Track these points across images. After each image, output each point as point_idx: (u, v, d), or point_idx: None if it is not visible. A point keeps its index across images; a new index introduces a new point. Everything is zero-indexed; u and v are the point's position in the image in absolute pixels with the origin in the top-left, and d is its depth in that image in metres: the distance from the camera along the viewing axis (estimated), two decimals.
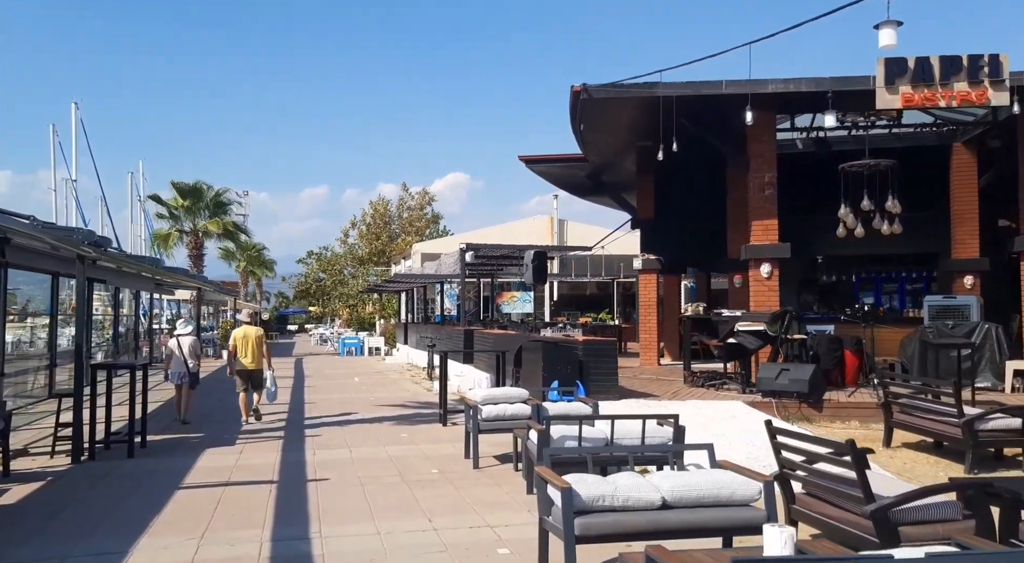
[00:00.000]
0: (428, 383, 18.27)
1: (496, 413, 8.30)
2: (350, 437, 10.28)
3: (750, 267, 12.44)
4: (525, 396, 8.60)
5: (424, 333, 22.91)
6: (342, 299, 40.14)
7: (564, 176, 17.59)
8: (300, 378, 20.38)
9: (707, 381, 11.70)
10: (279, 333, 60.91)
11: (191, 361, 11.78)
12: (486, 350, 14.02)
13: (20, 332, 28.49)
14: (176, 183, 29.33)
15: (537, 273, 14.45)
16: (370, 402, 14.54)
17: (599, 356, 10.08)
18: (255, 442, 9.99)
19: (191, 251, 30.15)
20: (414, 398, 15.18)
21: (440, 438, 10.10)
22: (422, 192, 44.50)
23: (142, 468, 8.34)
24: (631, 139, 14.20)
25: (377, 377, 20.58)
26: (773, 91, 11.10)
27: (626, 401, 10.15)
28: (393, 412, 12.96)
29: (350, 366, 25.36)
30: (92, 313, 18.79)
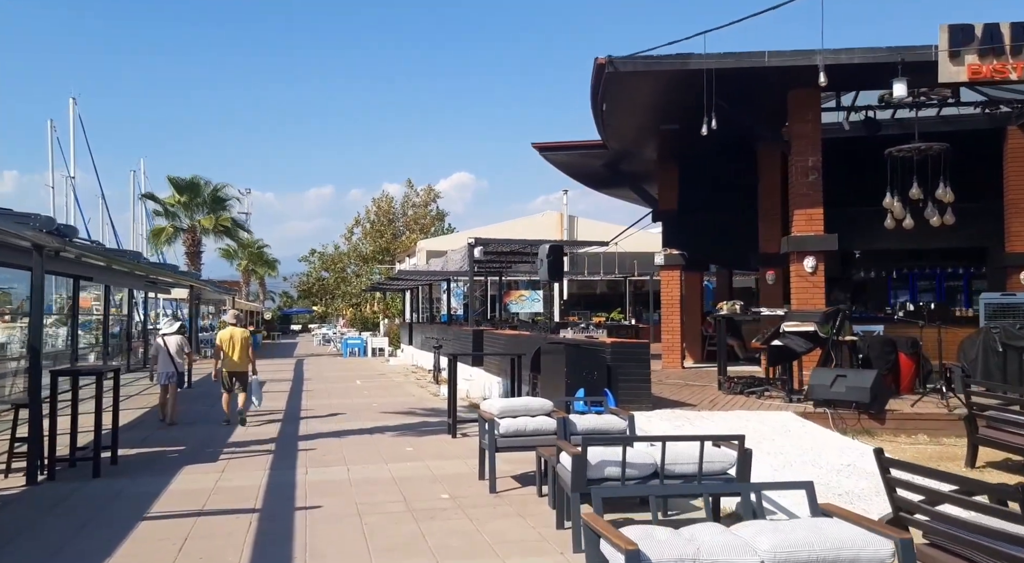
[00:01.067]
0: (434, 387, 17.12)
1: (516, 428, 7.15)
2: (349, 451, 9.13)
3: (791, 261, 11.25)
4: (549, 408, 7.44)
5: (430, 334, 21.77)
6: (345, 298, 38.98)
7: (580, 165, 16.42)
8: (299, 381, 19.26)
9: (746, 388, 10.52)
10: (281, 333, 59.90)
11: (178, 360, 11.66)
12: (499, 353, 12.86)
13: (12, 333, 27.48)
14: (172, 178, 28.24)
15: (553, 269, 13.24)
16: (372, 409, 13.40)
17: (629, 360, 8.91)
18: (240, 457, 8.84)
19: (188, 249, 29.04)
20: (420, 404, 14.03)
21: (449, 453, 8.95)
22: (427, 189, 43.36)
23: (107, 491, 7.20)
24: (655, 121, 13.02)
25: (380, 380, 19.44)
26: (821, 63, 9.89)
27: (660, 411, 8.98)
28: (397, 421, 11.81)
29: (352, 368, 24.23)
30: (78, 312, 17.70)
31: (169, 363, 11.60)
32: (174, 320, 18.55)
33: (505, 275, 27.03)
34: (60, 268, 15.66)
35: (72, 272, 16.74)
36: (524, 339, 12.55)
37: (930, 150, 11.90)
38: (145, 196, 28.25)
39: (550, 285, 33.56)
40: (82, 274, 17.11)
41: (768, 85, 11.00)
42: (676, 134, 13.84)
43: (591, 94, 11.61)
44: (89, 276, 17.25)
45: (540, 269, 13.66)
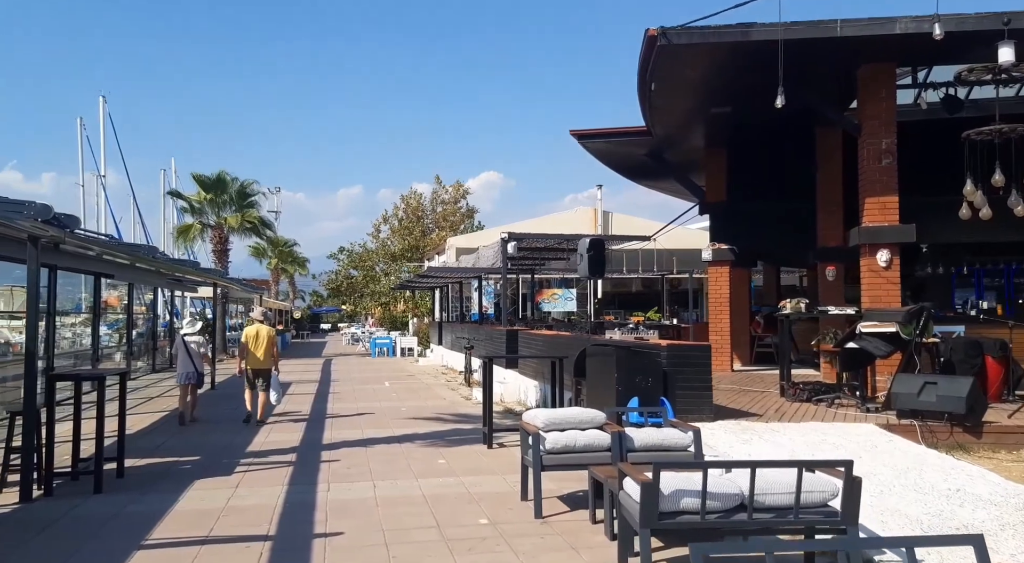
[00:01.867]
0: (466, 390, 16.27)
1: (564, 442, 6.23)
2: (375, 463, 8.29)
3: (862, 255, 10.18)
4: (600, 420, 6.51)
5: (460, 333, 20.93)
6: (374, 297, 38.35)
7: (620, 154, 15.44)
8: (326, 383, 18.54)
9: (813, 395, 9.47)
10: (311, 332, 59.63)
11: (197, 361, 11.58)
12: (537, 356, 11.94)
13: None
14: (197, 175, 27.76)
15: (594, 265, 12.29)
16: (401, 413, 12.57)
17: (688, 365, 7.94)
18: (257, 470, 8.04)
19: (215, 246, 28.55)
20: (451, 409, 13.18)
21: (486, 467, 8.07)
22: (456, 185, 42.52)
23: (105, 510, 6.43)
24: (706, 103, 12.01)
25: (409, 382, 18.65)
26: (902, 32, 8.82)
27: (723, 423, 8.00)
28: (427, 427, 10.97)
29: (381, 368, 23.50)
30: (99, 311, 17.18)
31: (189, 363, 11.49)
32: (196, 320, 18.02)
33: (537, 273, 26.14)
34: (77, 265, 15.10)
35: (92, 269, 16.20)
36: (564, 340, 11.63)
37: (1014, 132, 10.73)
38: (171, 193, 27.78)
39: (589, 283, 32.65)
40: (102, 271, 16.57)
41: (836, 59, 9.95)
42: (727, 118, 12.83)
43: (638, 73, 10.65)
44: (110, 273, 16.67)
45: (579, 265, 12.71)
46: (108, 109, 45.96)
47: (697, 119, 13.04)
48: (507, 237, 15.88)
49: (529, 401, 13.20)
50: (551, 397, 9.72)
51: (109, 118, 46.11)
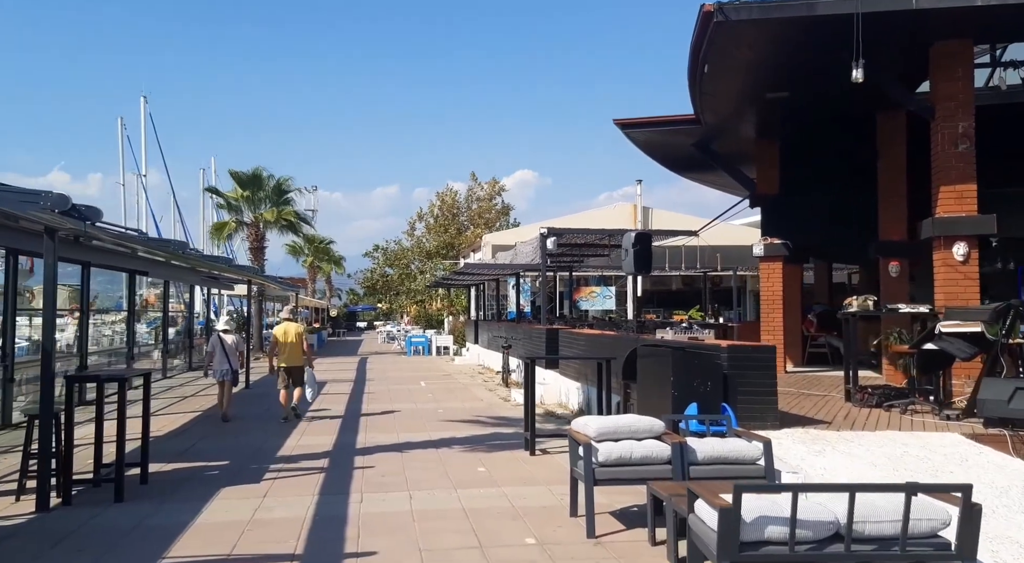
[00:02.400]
0: (504, 391, 15.73)
1: (619, 454, 5.64)
2: (411, 471, 7.78)
3: (936, 248, 9.38)
4: (658, 429, 5.90)
5: (497, 332, 20.41)
6: (409, 295, 38.06)
7: (665, 145, 14.74)
8: (361, 382, 18.15)
9: (884, 400, 8.71)
10: (347, 330, 59.77)
11: (233, 358, 11.69)
12: (582, 357, 11.33)
13: None
14: (234, 172, 27.69)
15: (640, 260, 11.63)
16: (438, 415, 12.08)
17: (751, 368, 7.27)
18: (287, 477, 7.58)
19: (251, 244, 28.45)
20: (489, 410, 12.64)
21: (529, 476, 7.50)
22: (492, 182, 42.01)
23: (125, 521, 6.01)
24: (761, 87, 11.28)
25: (446, 381, 18.17)
26: (983, 4, 8.02)
27: (790, 431, 7.32)
28: (465, 430, 10.44)
29: (416, 367, 23.10)
30: (134, 309, 17.05)
31: (225, 360, 11.61)
32: (232, 317, 17.82)
33: (575, 270, 25.52)
34: (111, 261, 14.91)
35: (126, 266, 16.04)
36: (609, 340, 11.01)
37: None
38: (208, 190, 27.75)
39: (629, 280, 31.86)
40: (137, 269, 16.40)
41: (908, 35, 9.14)
42: (782, 104, 12.06)
43: (690, 55, 9.98)
44: (144, 271, 16.53)
45: (624, 260, 12.06)
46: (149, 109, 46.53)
47: (750, 105, 12.29)
48: (546, 232, 15.30)
49: (571, 403, 12.61)
50: (597, 401, 9.12)
51: (150, 118, 46.61)
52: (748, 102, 12.02)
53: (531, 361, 8.68)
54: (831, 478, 6.02)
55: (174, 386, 17.39)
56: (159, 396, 15.24)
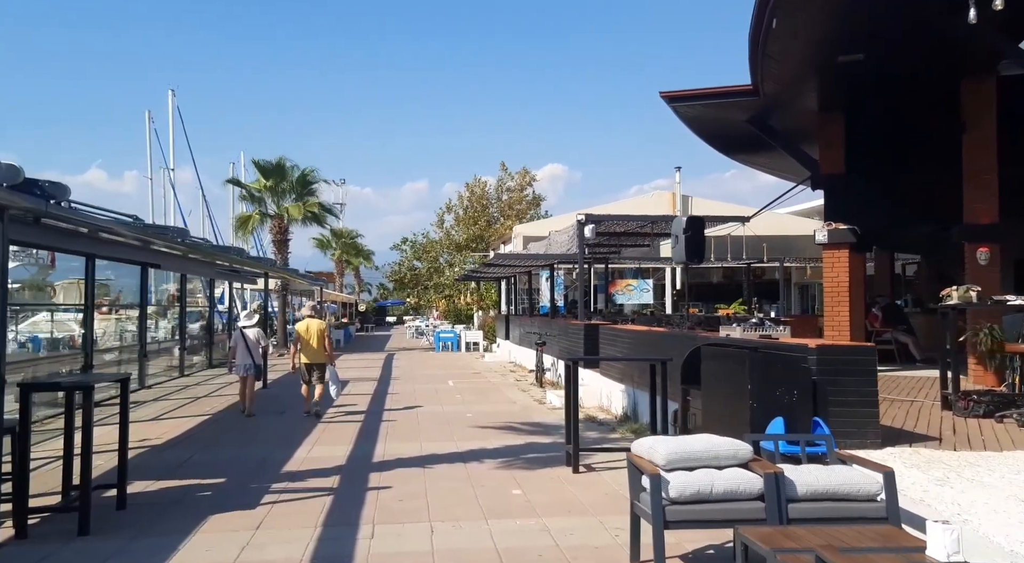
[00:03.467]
0: (538, 392, 14.51)
1: (696, 488, 4.40)
2: (435, 493, 6.61)
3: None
4: (746, 454, 4.65)
5: (530, 328, 19.18)
6: (437, 289, 36.98)
7: (716, 121, 13.35)
8: (385, 381, 17.06)
9: (995, 408, 7.32)
10: (376, 325, 59.02)
11: (255, 353, 11.60)
12: (630, 357, 10.05)
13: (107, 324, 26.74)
14: (258, 161, 26.76)
15: (692, 247, 10.41)
16: (466, 421, 10.90)
17: (846, 373, 5.97)
18: (288, 501, 6.45)
19: (275, 236, 27.55)
20: (524, 415, 11.42)
21: (575, 502, 6.27)
22: (523, 172, 40.65)
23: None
24: (834, 47, 9.87)
25: (475, 380, 17.01)
26: None
27: (896, 450, 6.00)
28: (497, 440, 9.24)
29: (445, 364, 21.98)
30: (146, 304, 16.15)
31: (247, 355, 11.52)
32: (253, 312, 16.91)
33: (610, 262, 24.15)
34: (117, 253, 13.99)
35: (134, 258, 15.11)
36: (659, 338, 9.73)
37: None
38: (230, 181, 26.87)
39: (668, 273, 30.41)
40: (147, 261, 15.48)
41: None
42: (853, 70, 10.63)
43: (755, 9, 8.63)
44: (155, 263, 15.60)
45: (674, 248, 10.80)
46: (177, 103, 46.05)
47: (818, 72, 10.87)
48: (583, 219, 14.02)
49: (614, 407, 11.35)
50: (650, 409, 7.85)
51: (178, 112, 46.19)
52: (816, 67, 10.61)
53: (573, 364, 7.44)
54: (967, 517, 4.71)
55: (190, 385, 16.47)
56: (171, 397, 14.32)
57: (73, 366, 13.05)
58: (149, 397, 14.15)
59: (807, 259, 27.74)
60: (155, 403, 13.28)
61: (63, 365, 14.05)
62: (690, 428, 6.98)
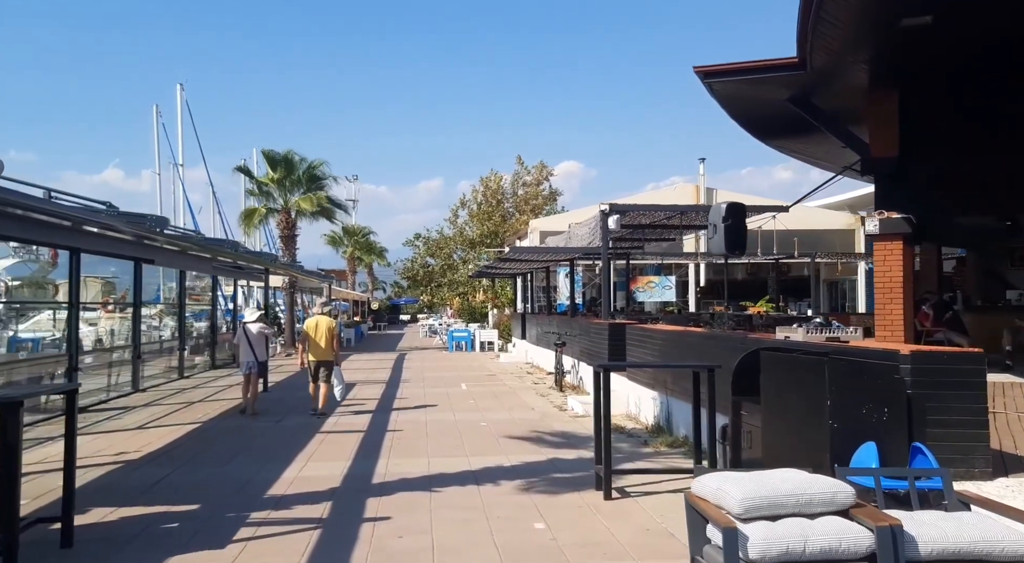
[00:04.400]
0: (558, 396, 13.41)
1: (784, 546, 3.31)
2: (441, 526, 5.54)
3: None
4: (846, 497, 3.54)
5: (548, 327, 18.09)
6: (451, 286, 35.97)
7: (754, 100, 12.13)
8: (394, 384, 16.03)
9: None
10: (389, 323, 58.11)
11: (258, 349, 11.42)
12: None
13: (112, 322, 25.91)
14: (267, 151, 25.77)
15: (733, 237, 9.25)
16: (480, 430, 9.84)
17: (949, 386, 4.83)
18: (267, 536, 5.40)
19: (282, 231, 26.60)
20: (544, 424, 10.34)
21: (609, 540, 5.18)
22: (539, 166, 39.47)
23: None
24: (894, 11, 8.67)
25: (490, 384, 15.93)
26: None
27: (1016, 480, 4.85)
28: (515, 454, 8.17)
29: (458, 365, 20.93)
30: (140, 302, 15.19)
31: (250, 352, 11.36)
32: (256, 309, 16.04)
33: (632, 257, 23.01)
34: (106, 248, 13.06)
35: (124, 253, 14.17)
36: (699, 340, 8.63)
37: None
38: (238, 169, 25.92)
39: (691, 268, 29.19)
40: (140, 256, 14.53)
41: None
42: (913, 39, 9.41)
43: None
44: (148, 258, 14.66)
45: (711, 238, 9.63)
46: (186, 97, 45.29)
47: (876, 38, 9.68)
48: (607, 210, 12.90)
49: (643, 416, 10.23)
50: (693, 424, 6.74)
51: (187, 107, 45.45)
52: (875, 33, 9.41)
53: (604, 371, 6.33)
54: None
55: (187, 388, 15.52)
56: (164, 401, 13.36)
57: (58, 369, 12.11)
58: (140, 402, 13.20)
59: (839, 254, 26.51)
60: (145, 409, 12.32)
61: (46, 367, 13.13)
62: (745, 448, 5.87)
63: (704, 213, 14.01)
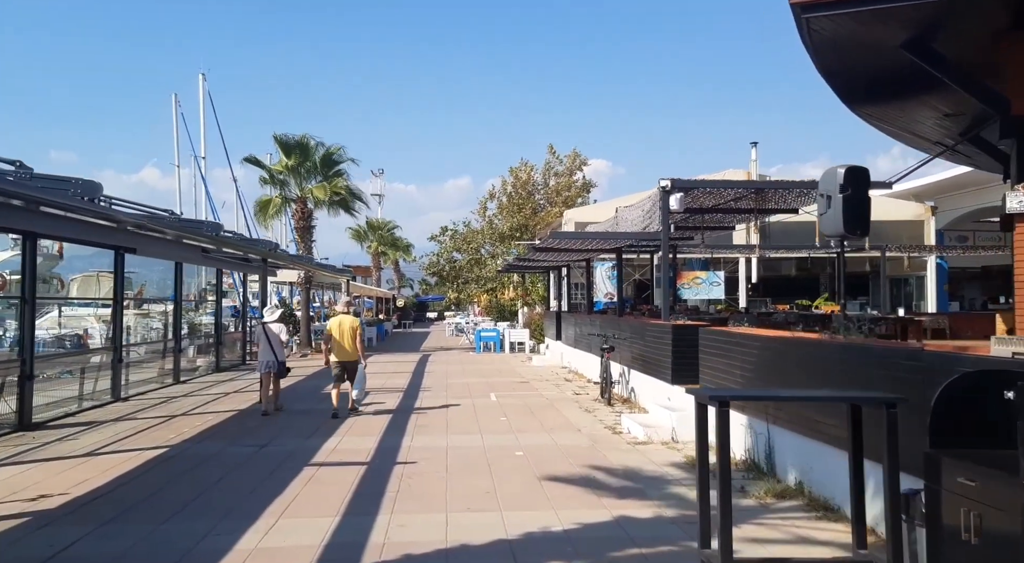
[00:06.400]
0: (607, 412, 11.13)
1: None
2: None
3: None
4: None
5: (589, 328, 15.79)
6: (479, 282, 33.78)
7: (859, 45, 9.68)
8: (412, 394, 13.85)
9: None
10: (415, 321, 56.15)
11: (278, 349, 11.20)
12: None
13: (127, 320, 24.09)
14: (279, 136, 23.76)
15: (853, 212, 7.02)
16: (516, 465, 7.59)
17: None
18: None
19: (297, 223, 24.59)
20: (597, 455, 8.04)
21: None
22: (572, 155, 37.06)
23: None
24: None
25: (524, 393, 13.68)
26: None
27: None
28: (567, 511, 5.90)
29: (486, 370, 18.71)
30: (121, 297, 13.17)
31: (269, 351, 11.15)
32: (276, 307, 14.38)
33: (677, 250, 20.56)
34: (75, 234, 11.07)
35: (105, 241, 12.17)
36: (827, 351, 6.30)
37: None
38: (247, 160, 24.03)
39: (743, 264, 26.65)
40: (121, 245, 12.53)
41: None
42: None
43: None
44: (131, 247, 12.65)
45: (824, 214, 7.28)
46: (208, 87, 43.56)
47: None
48: (668, 185, 10.58)
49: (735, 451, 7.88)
50: (852, 488, 4.40)
51: (209, 97, 43.82)
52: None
53: (723, 408, 4.02)
54: None
55: (177, 397, 13.51)
56: (140, 415, 11.33)
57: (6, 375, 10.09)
58: (113, 415, 11.19)
59: (909, 247, 23.83)
60: (113, 426, 10.29)
61: None
62: (966, 540, 3.53)
63: (786, 193, 11.63)
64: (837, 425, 5.81)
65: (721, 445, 4.02)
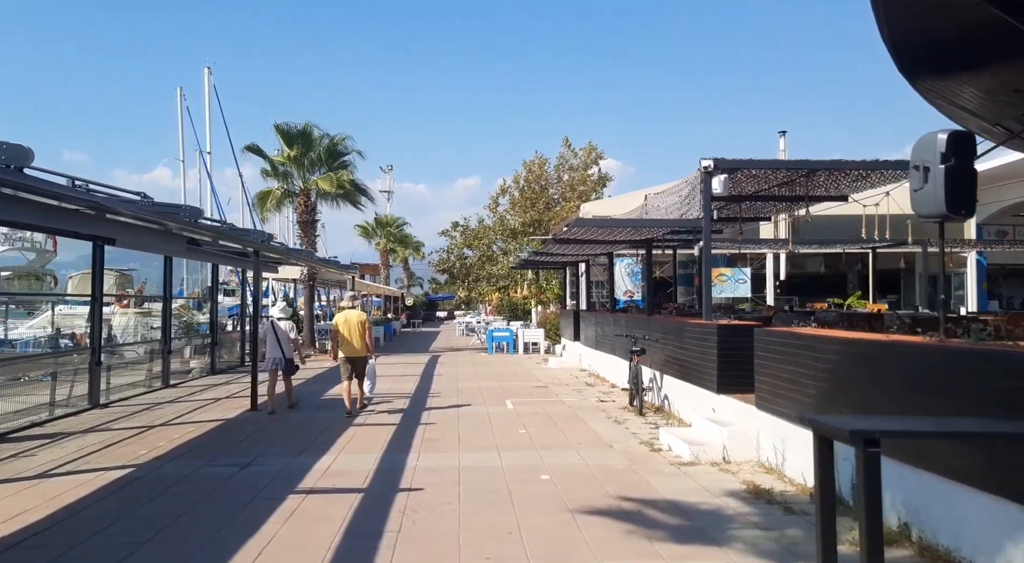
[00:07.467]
0: (639, 423, 9.82)
1: None
2: None
3: None
4: None
5: (613, 327, 14.48)
6: (490, 280, 32.52)
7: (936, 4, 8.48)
8: (419, 401, 12.59)
9: None
10: (424, 320, 54.95)
11: (286, 346, 11.08)
12: (997, 433, 5.23)
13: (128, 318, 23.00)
14: (280, 126, 22.55)
15: (956, 187, 5.71)
16: (541, 492, 6.31)
17: None
18: None
19: (300, 216, 23.42)
20: (638, 480, 6.74)
21: None
22: (588, 148, 35.70)
23: None
24: None
25: (543, 400, 12.39)
26: None
27: None
28: (602, 551, 4.61)
29: (499, 373, 17.44)
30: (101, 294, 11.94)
31: (277, 348, 11.05)
32: (286, 305, 13.44)
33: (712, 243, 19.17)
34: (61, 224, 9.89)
35: (81, 231, 10.98)
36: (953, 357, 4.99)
37: None
38: (248, 148, 22.80)
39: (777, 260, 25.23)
40: (98, 234, 11.34)
41: None
42: None
43: None
44: (110, 237, 11.46)
45: (918, 191, 6.00)
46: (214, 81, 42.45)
47: None
48: (710, 166, 9.27)
49: (791, 469, 6.57)
50: None
51: (214, 91, 42.71)
52: None
53: (868, 444, 2.73)
54: None
55: (163, 402, 12.33)
56: (116, 424, 10.14)
57: None
58: (85, 425, 10.00)
59: (953, 241, 22.37)
60: (79, 438, 9.09)
61: None
62: None
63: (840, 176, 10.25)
64: (965, 454, 4.51)
65: (869, 514, 2.72)
